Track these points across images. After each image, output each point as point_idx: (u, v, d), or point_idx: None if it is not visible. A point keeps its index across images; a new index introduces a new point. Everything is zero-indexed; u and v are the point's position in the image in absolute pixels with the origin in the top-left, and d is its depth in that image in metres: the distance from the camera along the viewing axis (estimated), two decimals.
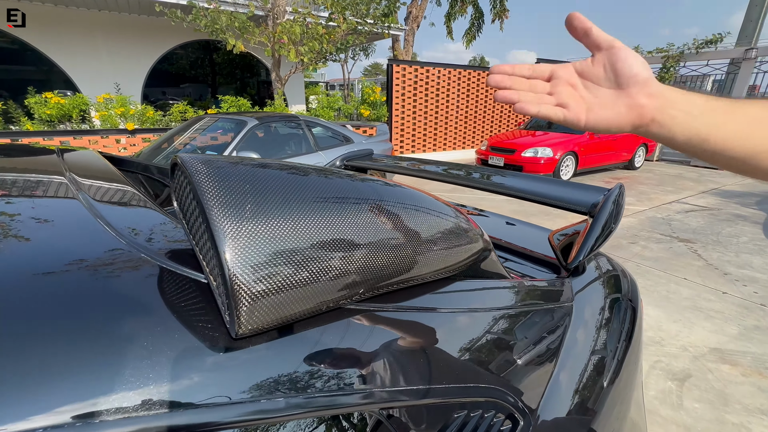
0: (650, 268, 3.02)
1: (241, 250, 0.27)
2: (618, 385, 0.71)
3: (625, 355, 0.80)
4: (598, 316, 0.82)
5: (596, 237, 0.91)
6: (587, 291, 0.88)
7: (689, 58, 8.32)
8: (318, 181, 0.37)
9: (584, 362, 0.65)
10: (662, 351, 2.00)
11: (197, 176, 0.30)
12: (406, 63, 7.68)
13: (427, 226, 0.46)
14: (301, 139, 3.62)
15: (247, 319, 0.26)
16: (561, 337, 0.61)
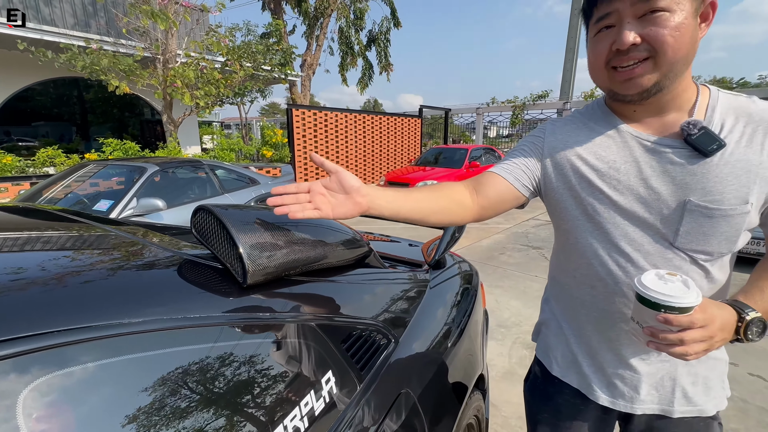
0: (513, 271, 3.86)
1: (246, 246, 0.58)
2: (465, 334, 1.13)
3: (469, 316, 1.24)
4: (453, 297, 1.24)
5: (446, 243, 1.37)
6: (446, 280, 1.30)
7: (529, 107, 10.75)
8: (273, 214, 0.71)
9: (435, 324, 1.05)
10: (520, 330, 2.65)
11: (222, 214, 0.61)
12: (304, 107, 8.18)
13: (337, 236, 0.82)
14: (205, 182, 3.68)
15: (251, 278, 0.57)
16: (418, 300, 1.01)
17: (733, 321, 0.58)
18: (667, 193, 0.65)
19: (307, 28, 12.27)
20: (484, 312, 1.61)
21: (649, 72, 0.59)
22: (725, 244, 0.64)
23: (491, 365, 2.23)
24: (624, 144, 0.68)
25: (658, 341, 0.56)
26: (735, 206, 0.61)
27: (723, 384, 0.76)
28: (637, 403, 0.74)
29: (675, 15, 0.56)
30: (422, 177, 7.18)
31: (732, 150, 0.61)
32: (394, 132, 10.31)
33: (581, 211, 0.72)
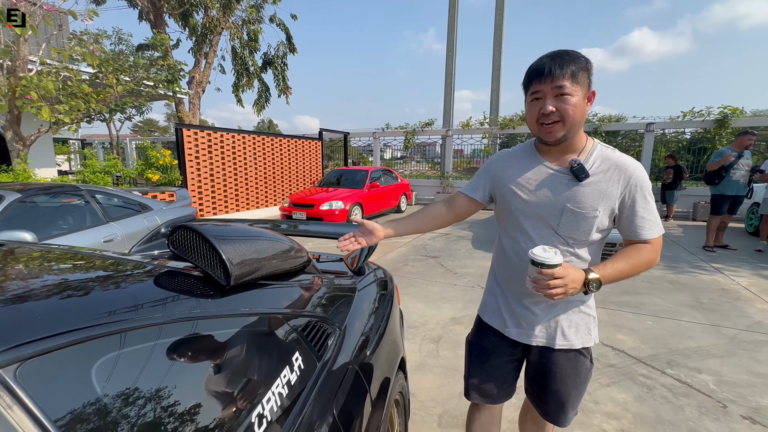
0: (417, 279, 4.32)
1: (228, 255, 0.72)
2: (389, 325, 1.37)
3: (390, 310, 1.49)
4: (376, 296, 1.48)
5: (365, 253, 1.61)
6: (369, 284, 1.53)
7: (418, 133, 12.02)
8: (242, 228, 0.84)
9: (366, 317, 1.27)
10: (426, 328, 3.03)
11: (204, 231, 0.73)
12: (197, 128, 7.65)
13: (287, 247, 0.99)
14: (84, 211, 3.22)
15: (234, 280, 0.71)
16: (350, 299, 1.22)
17: (581, 278, 0.96)
18: (556, 201, 1.07)
19: (195, 44, 11.54)
20: (399, 310, 1.90)
21: (559, 130, 1.00)
22: (584, 234, 1.06)
23: (407, 359, 2.52)
24: (539, 170, 1.10)
25: (537, 285, 0.95)
26: (589, 211, 1.03)
27: (589, 331, 1.17)
28: (533, 337, 1.17)
29: (573, 98, 0.97)
30: (326, 198, 7.39)
31: (592, 179, 1.04)
32: (295, 154, 10.33)
33: (509, 211, 1.16)
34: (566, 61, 0.97)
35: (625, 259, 1.03)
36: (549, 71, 0.97)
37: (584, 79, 0.99)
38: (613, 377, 2.32)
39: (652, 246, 1.05)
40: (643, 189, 1.03)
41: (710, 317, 3.24)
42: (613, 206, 1.04)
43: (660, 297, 3.73)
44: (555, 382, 1.17)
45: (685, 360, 2.53)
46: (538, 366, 1.20)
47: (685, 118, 9.29)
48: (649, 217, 1.04)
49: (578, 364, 1.17)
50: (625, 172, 1.03)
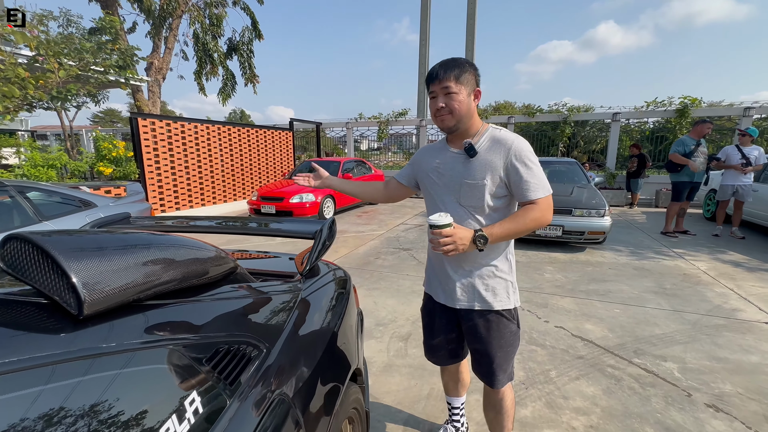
0: (388, 273, 4.20)
1: (79, 274, 0.54)
2: (338, 335, 1.22)
3: (342, 318, 1.34)
4: (326, 302, 1.32)
5: (317, 252, 1.44)
6: (319, 288, 1.36)
7: (392, 123, 11.83)
8: (118, 237, 0.65)
9: (309, 329, 1.11)
10: (395, 325, 2.91)
11: (44, 242, 0.53)
12: (154, 117, 7.15)
13: (196, 255, 0.81)
14: (11, 209, 2.87)
15: (89, 308, 0.53)
16: (290, 308, 1.06)
17: (469, 236, 1.15)
18: (457, 176, 1.29)
19: (152, 27, 10.77)
20: (359, 312, 1.75)
21: (449, 120, 1.24)
22: (479, 201, 1.26)
23: (372, 362, 2.39)
24: (446, 155, 1.34)
25: (433, 245, 1.15)
26: (479, 181, 1.24)
27: (507, 294, 1.33)
28: (456, 301, 1.35)
29: (459, 95, 1.21)
30: (297, 191, 7.12)
31: (480, 155, 1.25)
32: (265, 145, 9.92)
33: (427, 192, 1.40)
34: (451, 66, 1.21)
35: (513, 218, 1.21)
36: (437, 75, 1.21)
37: (469, 79, 1.22)
38: (582, 369, 2.29)
39: (539, 206, 1.20)
40: (521, 156, 1.20)
41: (673, 303, 3.30)
42: (500, 174, 1.23)
43: (626, 284, 3.78)
44: (481, 343, 1.34)
45: (651, 348, 2.54)
46: (467, 329, 1.37)
47: (648, 108, 9.57)
48: (532, 180, 1.20)
49: (501, 326, 1.32)
50: (505, 144, 1.22)
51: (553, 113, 10.34)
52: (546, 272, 4.16)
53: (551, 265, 4.41)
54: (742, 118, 8.84)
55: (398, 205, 9.60)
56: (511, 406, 1.45)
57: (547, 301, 3.36)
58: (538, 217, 1.19)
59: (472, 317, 1.34)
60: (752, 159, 5.46)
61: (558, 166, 6.66)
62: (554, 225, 4.94)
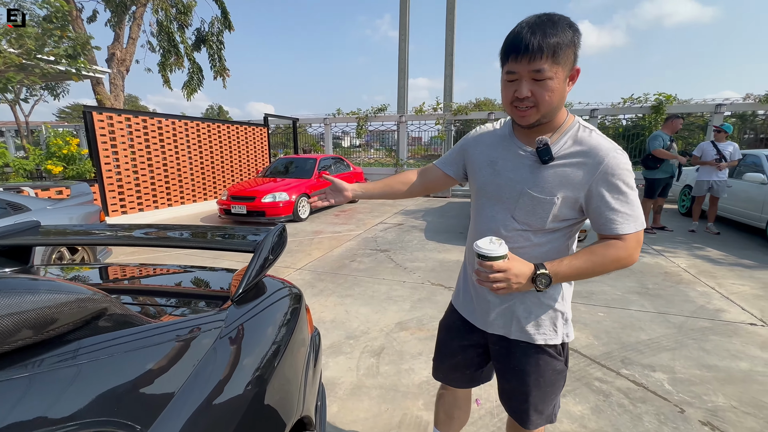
0: (363, 277, 3.94)
1: None
2: (273, 378, 0.96)
3: (282, 356, 1.08)
4: (259, 336, 1.04)
5: (254, 271, 1.17)
6: (252, 318, 1.08)
7: (371, 119, 11.55)
8: None
9: (223, 371, 0.85)
10: (368, 337, 2.66)
11: None
12: (112, 111, 6.62)
13: (16, 305, 0.53)
14: None
15: None
16: (197, 354, 0.78)
17: (527, 273, 0.89)
18: (516, 183, 0.98)
19: (113, 15, 10.06)
20: (314, 338, 1.49)
21: (533, 115, 0.90)
22: (540, 220, 0.97)
23: (339, 383, 2.14)
24: (508, 150, 1.02)
25: (479, 277, 0.90)
26: (547, 197, 0.94)
27: (554, 327, 1.04)
28: (489, 325, 1.10)
29: (552, 81, 0.85)
30: (269, 189, 6.75)
31: (557, 163, 0.93)
32: (238, 142, 9.45)
33: (474, 190, 1.12)
34: (549, 35, 0.82)
35: (586, 255, 0.92)
36: (527, 48, 0.83)
37: (568, 56, 0.85)
38: (569, 384, 2.10)
39: (626, 243, 0.91)
40: (615, 177, 0.89)
41: (657, 304, 3.18)
42: (577, 196, 0.93)
43: (608, 284, 3.66)
44: (515, 377, 1.09)
45: (638, 356, 2.38)
46: (498, 356, 1.13)
47: (625, 104, 9.65)
48: (622, 209, 0.90)
49: (541, 362, 1.05)
50: (596, 157, 0.90)
51: None
52: None
53: None
54: (713, 114, 9.01)
55: (378, 203, 9.34)
56: None
57: None
58: (622, 258, 0.90)
59: (505, 345, 1.08)
60: (727, 155, 5.49)
61: None
62: None
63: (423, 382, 2.15)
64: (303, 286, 3.67)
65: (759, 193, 5.33)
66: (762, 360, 2.34)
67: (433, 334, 2.69)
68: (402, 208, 8.46)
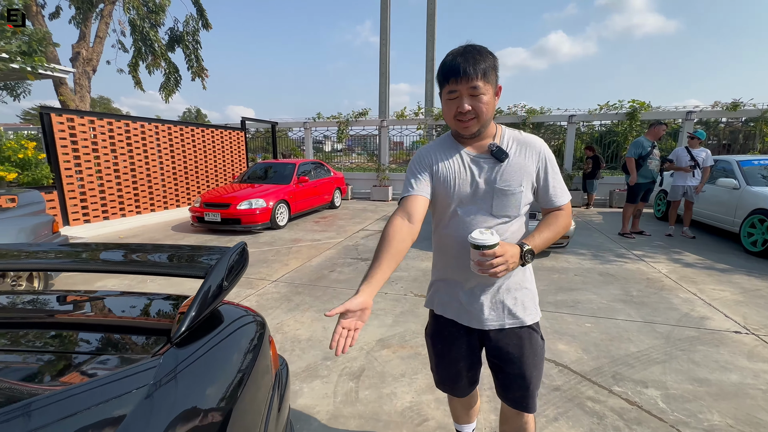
0: (343, 288, 3.75)
1: None
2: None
3: (242, 392, 0.88)
4: (205, 382, 0.84)
5: (202, 302, 0.97)
6: (196, 360, 0.87)
7: (352, 123, 11.37)
8: None
9: (197, 415, 0.65)
10: (346, 357, 2.47)
11: None
12: (74, 113, 6.20)
13: None
14: None
15: None
16: (119, 416, 0.59)
17: (518, 252, 1.03)
18: (484, 184, 1.13)
19: (78, 12, 9.52)
20: (280, 372, 1.30)
21: (474, 125, 1.09)
22: (515, 209, 1.14)
23: (314, 413, 1.94)
24: (463, 159, 1.16)
25: (481, 267, 1.01)
26: (516, 188, 1.12)
27: (534, 305, 1.22)
28: (484, 321, 1.19)
29: (486, 96, 1.05)
30: (245, 196, 6.46)
31: (511, 158, 1.13)
32: (213, 146, 9.08)
33: (443, 203, 1.18)
34: (478, 60, 1.02)
35: (548, 227, 1.13)
36: (463, 72, 1.01)
37: (493, 76, 1.06)
38: (560, 406, 1.97)
39: (566, 211, 1.17)
40: (551, 161, 1.16)
41: (643, 313, 3.13)
42: (532, 180, 1.15)
43: (593, 292, 3.60)
44: (516, 365, 1.19)
45: (629, 371, 2.29)
46: (496, 351, 1.21)
47: (601, 110, 9.85)
48: (559, 186, 1.17)
49: (533, 341, 1.20)
50: (535, 147, 1.15)
51: (511, 115, 10.38)
52: None
53: None
54: (684, 121, 9.31)
55: (360, 209, 9.17)
56: (533, 428, 1.33)
57: None
58: (568, 223, 1.17)
59: (501, 338, 1.20)
60: (700, 161, 5.61)
61: None
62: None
63: (406, 408, 1.97)
64: (278, 299, 3.44)
65: (731, 198, 5.46)
66: (750, 371, 2.29)
67: (416, 351, 2.53)
68: (384, 214, 8.30)
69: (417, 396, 2.06)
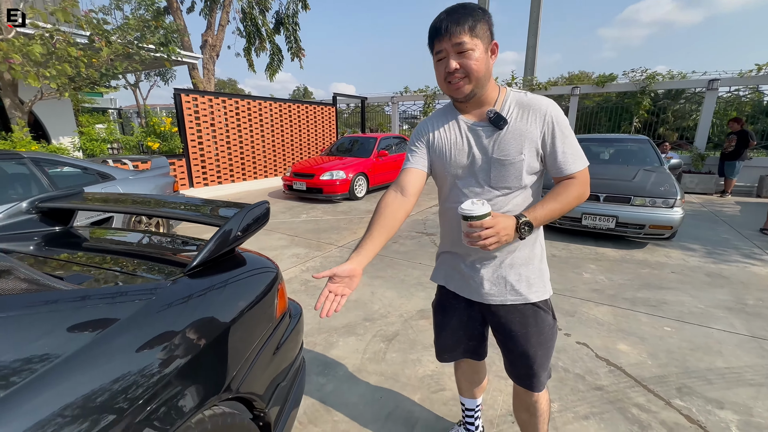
0: (399, 260, 3.86)
1: None
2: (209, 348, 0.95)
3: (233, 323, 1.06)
4: (219, 304, 1.04)
5: (213, 245, 1.16)
6: (208, 286, 1.07)
7: (439, 97, 11.06)
8: None
9: (184, 330, 0.85)
10: (385, 322, 2.60)
11: None
12: (197, 93, 7.38)
13: None
14: (28, 180, 3.03)
15: None
16: (105, 327, 0.79)
17: (512, 224, 0.96)
18: (481, 154, 1.07)
19: (205, 5, 11.08)
20: (296, 314, 1.47)
21: (466, 85, 1.01)
22: (516, 180, 1.06)
23: (342, 364, 2.13)
24: (460, 128, 1.11)
25: (470, 239, 0.95)
26: (515, 157, 1.04)
27: (543, 282, 1.16)
28: (485, 295, 1.16)
29: (475, 52, 0.98)
30: (328, 168, 6.95)
31: (512, 125, 1.04)
32: (307, 121, 9.89)
33: (442, 175, 1.15)
34: (462, 15, 0.97)
35: (554, 198, 1.03)
36: (446, 29, 0.97)
37: (484, 31, 0.99)
38: (597, 406, 1.79)
39: (579, 180, 1.05)
40: (559, 124, 1.04)
41: (753, 326, 2.53)
42: (537, 146, 1.05)
43: (690, 294, 3.01)
44: (517, 341, 1.16)
45: (704, 387, 1.92)
46: (499, 326, 1.19)
47: (760, 72, 7.66)
48: (570, 151, 1.05)
49: (539, 320, 1.15)
50: (539, 109, 1.04)
51: (630, 83, 8.78)
52: (586, 271, 3.50)
53: (595, 264, 3.71)
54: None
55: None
56: (547, 408, 1.28)
57: (577, 308, 2.79)
58: (582, 193, 1.05)
59: (503, 314, 1.17)
60: None
61: (623, 145, 5.62)
62: (607, 215, 4.15)
63: (426, 376, 2.02)
64: (338, 262, 3.72)
65: None
66: None
67: None
68: None
69: (440, 367, 2.08)
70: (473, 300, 1.21)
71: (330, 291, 0.96)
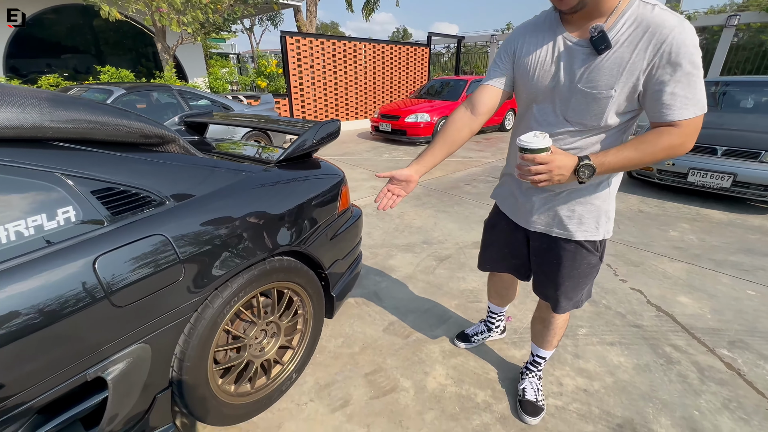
0: (469, 199, 4.00)
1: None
2: (284, 218, 1.37)
3: (300, 204, 1.46)
4: (280, 188, 1.44)
5: (296, 146, 1.55)
6: (283, 178, 1.48)
7: None
8: None
9: (243, 201, 1.28)
10: (441, 246, 2.88)
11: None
12: (299, 35, 7.91)
13: (125, 124, 1.05)
14: (176, 108, 3.90)
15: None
16: (222, 183, 1.23)
17: (571, 165, 0.88)
18: (566, 81, 0.93)
19: None
20: (355, 215, 1.84)
21: None
22: (595, 119, 0.93)
23: (397, 270, 2.51)
24: (556, 44, 0.94)
25: (521, 171, 0.91)
26: (603, 91, 0.88)
27: (597, 224, 1.08)
28: (531, 223, 1.16)
29: None
30: (413, 110, 7.05)
31: (615, 50, 0.85)
32: (399, 62, 9.85)
33: (520, 94, 1.08)
34: None
35: (635, 145, 0.88)
36: None
37: None
38: (627, 338, 1.86)
39: (681, 129, 0.85)
40: (680, 55, 0.80)
41: None
42: (636, 82, 0.86)
43: None
44: (551, 265, 1.17)
45: (762, 344, 1.81)
46: (537, 251, 1.21)
47: None
48: (682, 93, 0.82)
49: (578, 257, 1.12)
50: (659, 33, 0.80)
51: None
52: (675, 230, 3.20)
53: (690, 224, 3.34)
54: None
55: None
56: (562, 326, 1.34)
57: (646, 260, 2.66)
58: (676, 145, 0.85)
59: (545, 240, 1.16)
60: None
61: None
62: (723, 172, 3.57)
63: (467, 290, 2.29)
64: (410, 197, 4.04)
65: None
66: None
67: None
68: None
69: (481, 285, 2.32)
70: (520, 225, 1.23)
71: (388, 190, 1.09)
